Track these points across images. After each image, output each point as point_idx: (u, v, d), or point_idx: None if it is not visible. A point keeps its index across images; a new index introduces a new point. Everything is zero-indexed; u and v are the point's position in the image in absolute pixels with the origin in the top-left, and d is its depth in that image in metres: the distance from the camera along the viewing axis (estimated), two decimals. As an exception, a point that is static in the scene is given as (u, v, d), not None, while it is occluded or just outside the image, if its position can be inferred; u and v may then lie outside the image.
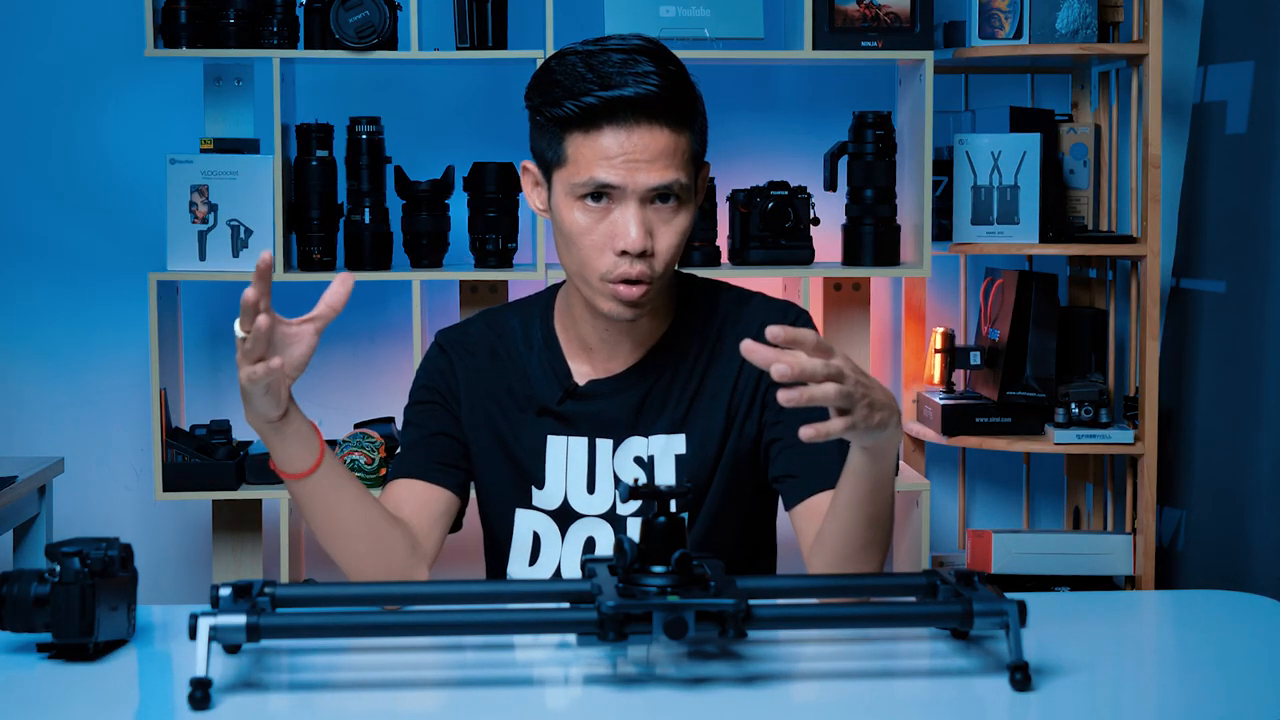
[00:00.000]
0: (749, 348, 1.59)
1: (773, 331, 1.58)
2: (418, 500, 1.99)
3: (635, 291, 1.89)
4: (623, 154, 1.86)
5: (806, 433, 1.58)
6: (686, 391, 1.99)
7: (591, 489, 2.00)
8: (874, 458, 1.75)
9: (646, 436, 1.99)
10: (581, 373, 2.02)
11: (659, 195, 1.89)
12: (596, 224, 1.89)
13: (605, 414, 2.00)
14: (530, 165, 1.98)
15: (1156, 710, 1.63)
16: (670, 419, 1.99)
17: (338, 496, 1.89)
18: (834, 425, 1.61)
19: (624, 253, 1.88)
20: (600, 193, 1.88)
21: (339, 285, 1.79)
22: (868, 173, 3.43)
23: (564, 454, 2.00)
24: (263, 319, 1.71)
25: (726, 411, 1.99)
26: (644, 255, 1.88)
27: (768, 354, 1.58)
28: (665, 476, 1.98)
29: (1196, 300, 3.57)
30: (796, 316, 2.02)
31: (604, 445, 2.00)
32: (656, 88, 1.86)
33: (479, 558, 2.11)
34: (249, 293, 1.70)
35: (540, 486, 2.01)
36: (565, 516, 2.00)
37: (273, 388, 1.77)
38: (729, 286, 2.07)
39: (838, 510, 1.83)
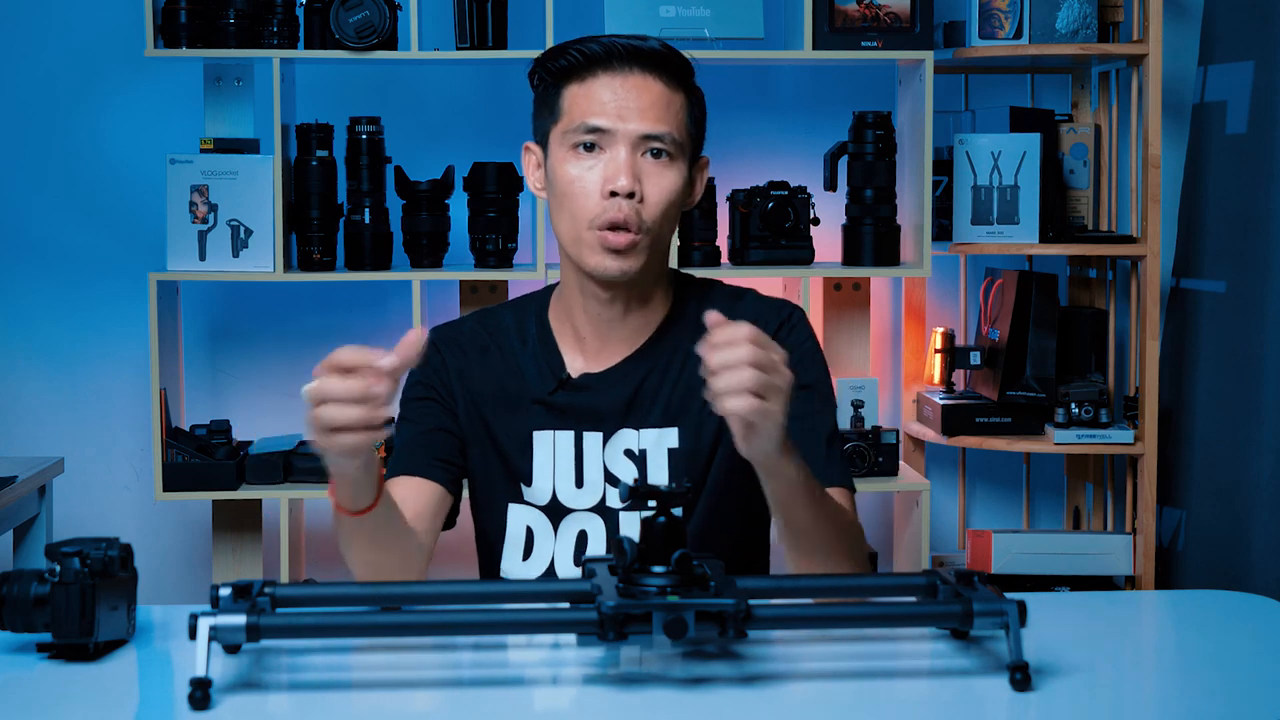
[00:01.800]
0: (715, 319, 1.65)
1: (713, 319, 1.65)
2: (418, 499, 1.98)
3: (622, 239, 1.91)
4: (615, 99, 1.93)
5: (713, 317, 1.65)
6: (680, 386, 2.00)
7: (579, 483, 2.00)
8: (766, 474, 1.77)
9: (638, 430, 2.00)
10: (575, 365, 2.03)
11: (650, 149, 1.93)
12: (587, 172, 1.93)
13: (597, 406, 2.00)
14: (531, 145, 2.03)
15: (1156, 710, 1.62)
16: (663, 413, 1.99)
17: (383, 523, 1.83)
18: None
19: (613, 195, 1.91)
20: (592, 142, 1.93)
21: (414, 337, 1.67)
22: (868, 173, 3.43)
23: (550, 449, 2.01)
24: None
25: None
26: (632, 198, 1.91)
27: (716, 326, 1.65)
28: (658, 471, 1.99)
29: (1196, 300, 3.57)
30: (790, 314, 2.03)
31: (592, 438, 2.00)
32: (656, 45, 1.94)
33: (472, 555, 2.11)
34: (394, 359, 1.63)
35: (529, 483, 2.01)
36: (556, 512, 2.01)
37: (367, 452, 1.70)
38: (723, 284, 2.09)
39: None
